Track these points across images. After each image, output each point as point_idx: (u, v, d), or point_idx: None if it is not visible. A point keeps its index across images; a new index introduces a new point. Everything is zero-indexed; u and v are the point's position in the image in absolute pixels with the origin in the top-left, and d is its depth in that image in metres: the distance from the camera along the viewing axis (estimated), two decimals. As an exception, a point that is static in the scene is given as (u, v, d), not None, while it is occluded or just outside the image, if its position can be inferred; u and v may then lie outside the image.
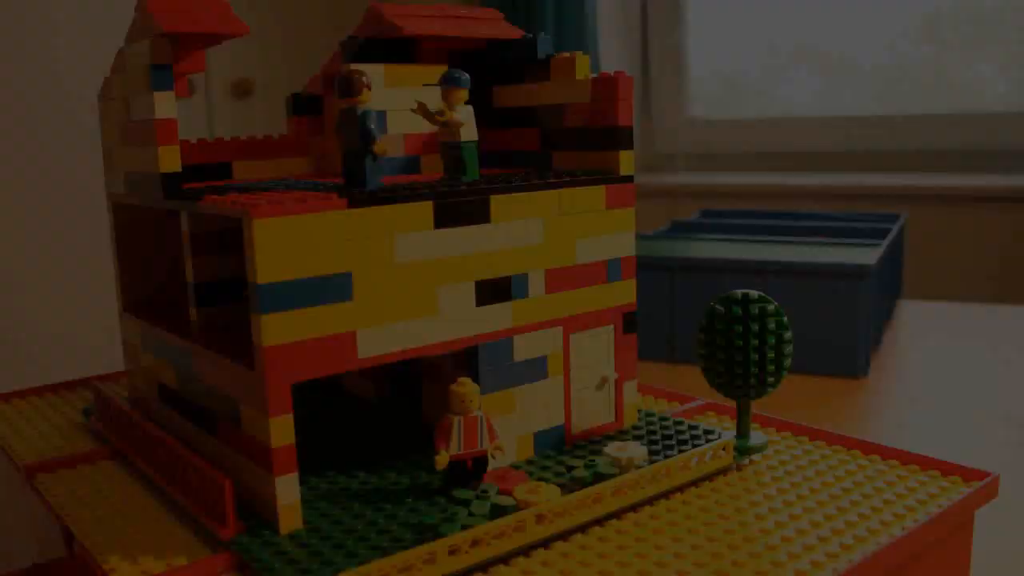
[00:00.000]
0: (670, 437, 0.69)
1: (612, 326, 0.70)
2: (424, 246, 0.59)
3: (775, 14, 2.55)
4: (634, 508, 0.60)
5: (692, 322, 1.39)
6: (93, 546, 0.57)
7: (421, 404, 0.75)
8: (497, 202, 0.62)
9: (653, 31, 2.68)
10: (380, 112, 0.71)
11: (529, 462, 0.66)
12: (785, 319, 0.65)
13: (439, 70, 0.75)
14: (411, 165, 0.74)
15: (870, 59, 2.45)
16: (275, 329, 0.54)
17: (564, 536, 0.56)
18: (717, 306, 0.65)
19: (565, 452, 0.67)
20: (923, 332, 1.60)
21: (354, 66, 0.70)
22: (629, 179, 0.69)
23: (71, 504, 0.63)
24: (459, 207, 0.61)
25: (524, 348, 0.65)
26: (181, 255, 0.77)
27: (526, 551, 0.55)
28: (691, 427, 0.70)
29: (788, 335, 0.65)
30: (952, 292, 2.05)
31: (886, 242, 1.47)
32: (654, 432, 0.70)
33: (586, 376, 0.69)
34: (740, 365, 0.64)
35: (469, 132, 0.64)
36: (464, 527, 0.52)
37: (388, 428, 0.74)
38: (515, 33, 0.75)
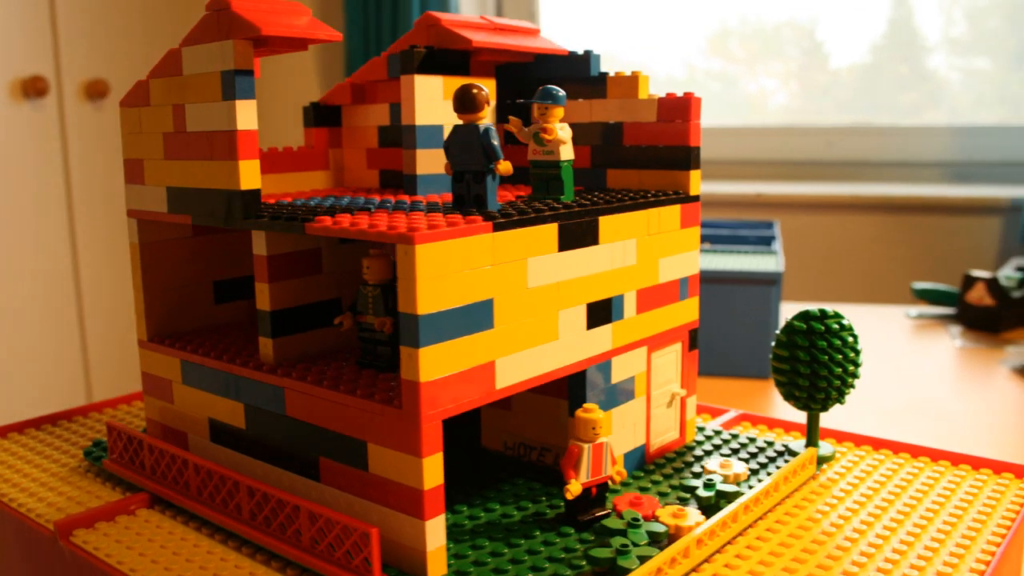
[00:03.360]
0: (737, 450, 0.70)
1: (680, 343, 0.71)
2: (550, 269, 0.58)
3: (575, 23, 2.65)
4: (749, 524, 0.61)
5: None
6: (206, 612, 0.51)
7: (479, 429, 0.73)
8: (605, 223, 0.61)
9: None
10: (438, 127, 0.69)
11: (623, 484, 0.65)
12: (856, 332, 0.68)
13: (487, 83, 0.73)
14: (464, 181, 0.71)
15: (664, 70, 2.60)
16: (431, 363, 0.50)
17: (707, 558, 0.56)
18: (796, 322, 0.67)
19: (648, 471, 0.67)
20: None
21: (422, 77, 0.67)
22: (697, 198, 0.70)
23: (138, 564, 0.56)
24: (577, 229, 0.59)
25: (619, 370, 0.65)
26: (203, 278, 0.70)
27: (682, 577, 0.54)
28: (751, 439, 0.72)
29: (859, 347, 0.68)
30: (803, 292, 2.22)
31: (779, 248, 1.57)
32: (719, 446, 0.72)
33: (659, 394, 0.70)
34: (824, 379, 0.66)
35: (568, 151, 0.62)
36: (641, 559, 0.51)
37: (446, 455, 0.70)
38: (561, 49, 0.74)
